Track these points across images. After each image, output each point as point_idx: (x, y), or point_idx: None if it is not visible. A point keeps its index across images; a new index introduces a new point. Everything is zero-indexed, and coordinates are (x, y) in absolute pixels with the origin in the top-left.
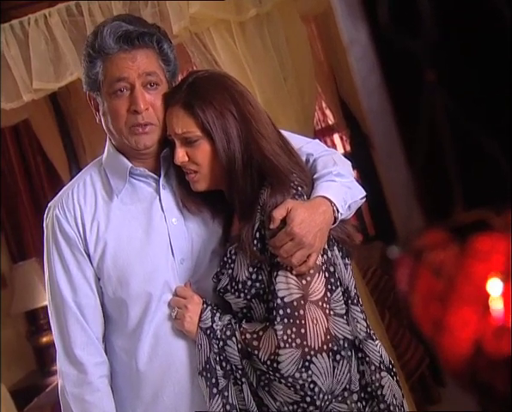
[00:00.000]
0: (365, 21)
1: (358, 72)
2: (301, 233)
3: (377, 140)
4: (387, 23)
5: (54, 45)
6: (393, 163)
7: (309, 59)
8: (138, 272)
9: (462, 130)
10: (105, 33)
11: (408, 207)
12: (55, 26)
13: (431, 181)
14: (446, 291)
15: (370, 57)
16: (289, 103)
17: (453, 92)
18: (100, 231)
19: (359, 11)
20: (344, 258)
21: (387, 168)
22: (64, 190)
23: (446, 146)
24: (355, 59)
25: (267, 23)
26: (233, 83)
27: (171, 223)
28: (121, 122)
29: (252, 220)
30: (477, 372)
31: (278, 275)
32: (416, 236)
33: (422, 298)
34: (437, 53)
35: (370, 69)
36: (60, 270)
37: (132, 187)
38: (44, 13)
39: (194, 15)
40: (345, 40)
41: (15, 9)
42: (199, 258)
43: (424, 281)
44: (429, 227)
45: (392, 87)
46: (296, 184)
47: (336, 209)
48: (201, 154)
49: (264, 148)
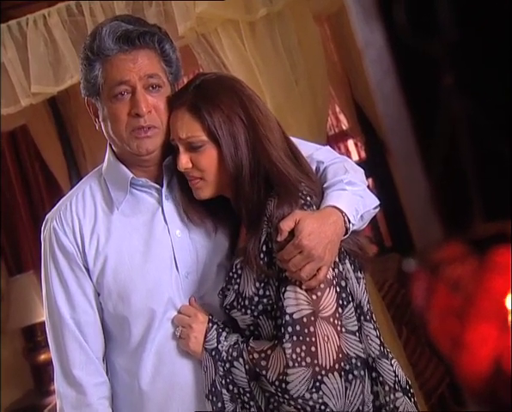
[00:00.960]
0: (380, 22)
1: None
2: (311, 246)
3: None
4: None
5: (53, 46)
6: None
7: (322, 61)
8: (140, 287)
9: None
10: (103, 33)
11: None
12: (54, 26)
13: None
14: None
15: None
16: (300, 107)
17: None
18: (99, 244)
19: (374, 12)
20: (356, 272)
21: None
22: (62, 201)
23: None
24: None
25: (278, 23)
26: (241, 87)
27: (174, 235)
28: (122, 126)
29: (259, 232)
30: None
31: (287, 290)
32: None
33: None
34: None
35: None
36: (58, 286)
37: (134, 198)
38: (43, 13)
39: (201, 15)
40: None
41: (13, 8)
42: (205, 272)
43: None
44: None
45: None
46: (305, 194)
47: (347, 219)
48: (206, 159)
49: (271, 155)
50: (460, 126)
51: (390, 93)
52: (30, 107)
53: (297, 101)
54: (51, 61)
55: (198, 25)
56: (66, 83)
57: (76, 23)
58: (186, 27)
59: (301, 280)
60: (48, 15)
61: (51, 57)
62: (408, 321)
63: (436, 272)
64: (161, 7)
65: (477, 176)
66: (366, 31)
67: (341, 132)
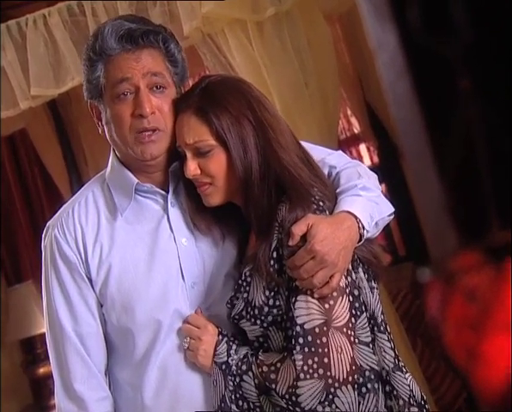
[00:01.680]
0: (393, 22)
1: (386, 77)
2: (324, 251)
3: (407, 152)
4: (417, 24)
5: (54, 47)
6: (424, 177)
7: (333, 62)
8: (145, 298)
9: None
10: (106, 32)
11: (440, 224)
12: (55, 26)
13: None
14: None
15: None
16: (310, 110)
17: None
18: (103, 253)
19: (387, 11)
20: (369, 281)
21: (418, 182)
22: (63, 208)
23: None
24: (382, 63)
25: (287, 23)
26: (249, 88)
27: (180, 244)
28: (125, 128)
29: (270, 238)
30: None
31: (297, 299)
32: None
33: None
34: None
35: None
36: (59, 297)
37: (138, 205)
38: (43, 12)
39: (207, 15)
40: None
41: (12, 8)
42: (212, 282)
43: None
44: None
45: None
46: (317, 199)
47: (361, 225)
48: (215, 164)
49: (282, 158)
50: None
51: (403, 96)
52: (29, 110)
53: (307, 104)
54: (51, 62)
55: (203, 25)
56: (67, 85)
57: (77, 23)
58: (192, 27)
59: (313, 287)
60: (48, 14)
61: (52, 58)
62: (423, 333)
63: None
64: (166, 7)
65: (493, 182)
66: (378, 31)
67: (353, 136)
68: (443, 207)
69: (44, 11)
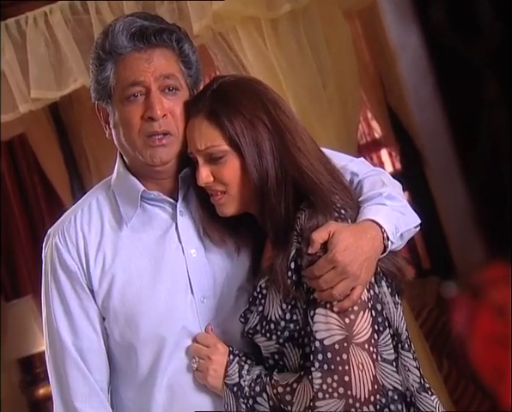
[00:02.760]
0: (416, 21)
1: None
2: (345, 261)
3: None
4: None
5: (55, 47)
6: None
7: (353, 62)
8: (150, 312)
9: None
10: (117, 29)
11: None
12: (56, 25)
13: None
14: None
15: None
16: (328, 113)
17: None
18: (106, 263)
19: (409, 10)
20: (393, 296)
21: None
22: (65, 215)
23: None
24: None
25: (303, 20)
26: (264, 89)
27: (189, 255)
28: (134, 131)
29: (287, 248)
30: None
31: (316, 313)
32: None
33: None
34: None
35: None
36: (59, 309)
37: (145, 213)
38: (44, 10)
39: (218, 12)
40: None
41: (11, 6)
42: (223, 296)
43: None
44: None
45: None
46: (339, 207)
47: (386, 236)
48: (229, 171)
49: (301, 163)
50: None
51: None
52: (29, 114)
53: (325, 107)
54: (52, 63)
55: (214, 23)
56: (69, 88)
57: (80, 22)
58: (202, 26)
59: (333, 299)
60: (50, 12)
61: (53, 58)
62: (449, 352)
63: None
64: (175, 4)
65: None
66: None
67: (373, 141)
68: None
69: (45, 9)
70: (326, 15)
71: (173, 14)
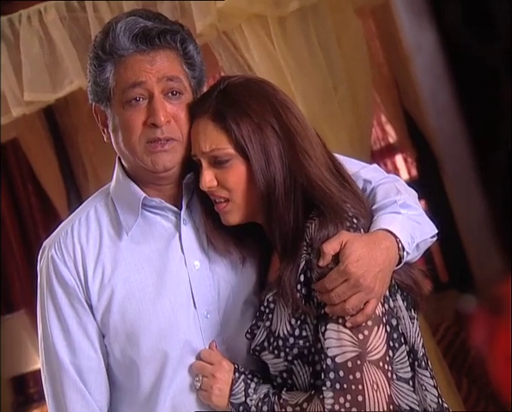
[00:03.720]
0: (431, 21)
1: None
2: (359, 273)
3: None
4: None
5: (50, 47)
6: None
7: (366, 62)
8: (151, 327)
9: None
10: (118, 30)
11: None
12: (51, 23)
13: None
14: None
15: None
16: (339, 117)
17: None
18: (105, 276)
19: (423, 9)
20: (409, 310)
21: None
22: (62, 226)
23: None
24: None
25: (313, 18)
26: (273, 91)
27: (192, 267)
28: (135, 137)
29: (296, 259)
30: None
31: (327, 329)
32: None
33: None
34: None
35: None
36: (56, 326)
37: (146, 222)
38: (38, 8)
39: (223, 10)
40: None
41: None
42: (228, 311)
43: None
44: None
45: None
46: (351, 216)
47: (401, 246)
48: (234, 176)
49: (311, 171)
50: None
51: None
52: (22, 118)
53: (336, 110)
54: (47, 64)
55: (219, 21)
56: (65, 90)
57: (76, 20)
58: (206, 24)
59: (346, 314)
60: (44, 10)
61: (48, 59)
62: (469, 371)
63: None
64: (177, 1)
65: None
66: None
67: (388, 146)
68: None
69: (39, 6)
70: (338, 12)
71: (174, 11)
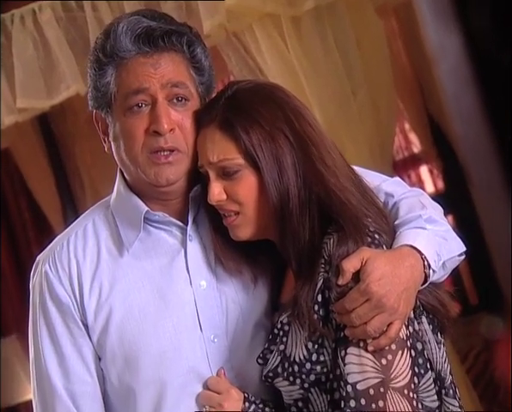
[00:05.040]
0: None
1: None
2: (381, 293)
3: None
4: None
5: (45, 49)
6: (495, 207)
7: (387, 65)
8: (152, 351)
9: None
10: (120, 30)
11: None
12: (46, 24)
13: None
14: None
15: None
16: (359, 125)
17: None
18: (102, 294)
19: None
20: (435, 334)
21: (489, 213)
22: (57, 239)
23: None
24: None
25: (329, 17)
26: (286, 96)
27: (198, 287)
28: (136, 146)
29: (313, 278)
30: None
31: (348, 353)
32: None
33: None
34: None
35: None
36: (49, 347)
37: (149, 238)
38: (32, 7)
39: (232, 9)
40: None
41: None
42: (237, 334)
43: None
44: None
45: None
46: (372, 231)
47: (427, 264)
48: (244, 189)
49: (328, 181)
50: None
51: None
52: (15, 127)
53: (354, 117)
54: (42, 67)
55: (228, 21)
56: (61, 96)
57: (73, 20)
58: (214, 24)
59: (367, 337)
60: (39, 9)
61: (43, 62)
62: (501, 402)
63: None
64: (183, 0)
65: None
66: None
67: (412, 156)
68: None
69: (33, 6)
70: (356, 10)
71: (180, 11)
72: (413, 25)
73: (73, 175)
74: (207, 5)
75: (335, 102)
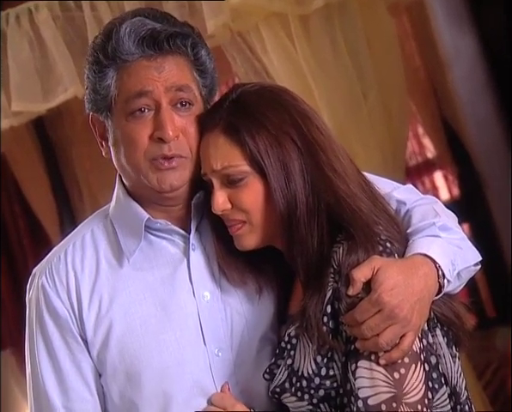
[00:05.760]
0: (471, 26)
1: (463, 93)
2: (393, 303)
3: (491, 183)
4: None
5: (42, 50)
6: None
7: (399, 66)
8: (154, 366)
9: None
10: (122, 32)
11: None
12: (43, 24)
13: None
14: None
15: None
16: (370, 129)
17: None
18: (102, 308)
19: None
20: (450, 348)
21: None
22: (54, 251)
23: None
24: (459, 75)
25: (339, 17)
26: (293, 100)
27: (201, 298)
28: (139, 152)
29: (322, 288)
30: None
31: (358, 367)
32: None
33: None
34: None
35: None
36: (46, 363)
37: (150, 247)
38: (28, 6)
39: (237, 7)
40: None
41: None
42: (243, 348)
43: None
44: None
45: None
46: (384, 239)
47: (441, 273)
48: (250, 196)
49: (338, 187)
50: None
51: (484, 114)
52: (10, 131)
53: (365, 121)
54: (38, 69)
55: (232, 20)
56: (58, 99)
57: (71, 20)
58: (218, 24)
59: (379, 349)
60: (35, 9)
61: (39, 63)
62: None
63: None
64: None
65: None
66: (453, 36)
67: (426, 162)
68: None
69: (29, 4)
70: (367, 9)
71: (183, 10)
72: (427, 24)
73: (71, 182)
74: (211, 4)
75: (345, 105)
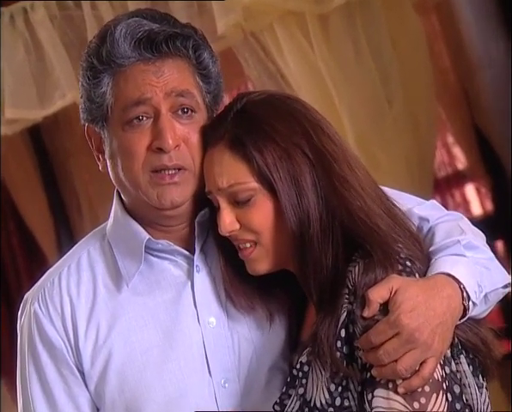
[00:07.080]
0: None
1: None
2: (413, 326)
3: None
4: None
5: (38, 52)
6: None
7: (427, 69)
8: (157, 398)
9: None
10: (117, 34)
11: None
12: (39, 24)
13: None
14: None
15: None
16: (395, 138)
17: None
18: (100, 336)
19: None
20: (476, 377)
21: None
22: (47, 274)
23: None
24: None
25: (361, 15)
26: (303, 109)
27: (206, 324)
28: (137, 164)
29: (336, 311)
30: None
31: (375, 396)
32: None
33: None
34: None
35: None
36: (39, 397)
37: (151, 270)
38: (23, 5)
39: (249, 6)
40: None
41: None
42: (251, 378)
43: None
44: None
45: None
46: (403, 258)
47: (466, 295)
48: (259, 216)
49: (353, 203)
50: None
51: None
52: (3, 140)
53: (390, 129)
54: (34, 73)
55: (245, 19)
56: (55, 105)
57: (70, 20)
58: (229, 24)
59: (397, 377)
60: (31, 8)
61: (35, 67)
62: None
63: None
64: None
65: None
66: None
67: (456, 173)
68: None
69: (24, 4)
70: (392, 7)
71: (191, 9)
72: (457, 25)
73: (69, 195)
74: (221, 2)
75: (367, 112)
